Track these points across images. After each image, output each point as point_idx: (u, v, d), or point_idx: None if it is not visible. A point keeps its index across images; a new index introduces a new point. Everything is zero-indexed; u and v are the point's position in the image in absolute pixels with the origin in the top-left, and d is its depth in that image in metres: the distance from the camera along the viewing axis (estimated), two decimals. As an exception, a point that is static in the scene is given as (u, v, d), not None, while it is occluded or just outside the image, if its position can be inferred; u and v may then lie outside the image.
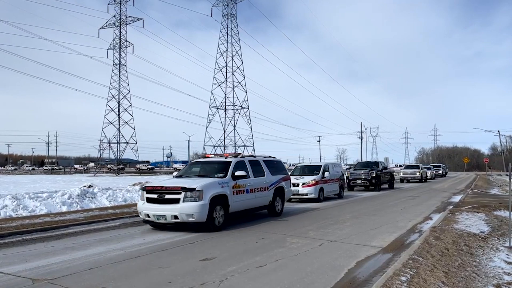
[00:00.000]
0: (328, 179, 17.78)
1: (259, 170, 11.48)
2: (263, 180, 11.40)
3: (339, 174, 19.38)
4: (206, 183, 9.17)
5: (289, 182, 13.19)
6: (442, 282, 4.92)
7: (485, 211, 12.32)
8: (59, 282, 5.19)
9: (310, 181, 16.63)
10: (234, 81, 59.34)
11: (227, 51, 59.58)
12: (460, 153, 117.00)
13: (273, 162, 12.72)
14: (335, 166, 19.60)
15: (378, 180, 23.92)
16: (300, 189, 16.45)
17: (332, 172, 18.31)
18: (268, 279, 5.33)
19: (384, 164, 26.95)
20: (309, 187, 16.50)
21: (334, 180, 18.59)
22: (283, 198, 12.47)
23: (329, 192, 18.01)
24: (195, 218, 8.69)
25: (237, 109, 59.59)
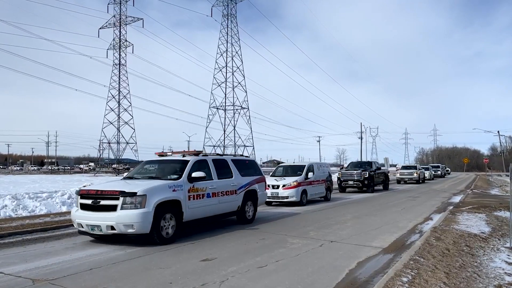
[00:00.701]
0: (312, 181, 16.28)
1: (226, 171, 10.00)
2: (230, 182, 9.89)
3: (325, 175, 17.88)
4: (151, 187, 7.68)
5: (264, 185, 11.70)
6: (443, 282, 4.91)
7: (485, 212, 12.32)
8: (60, 283, 5.18)
9: (291, 183, 15.06)
10: (234, 81, 59.35)
11: (227, 51, 59.60)
12: (460, 153, 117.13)
13: (244, 161, 11.29)
14: (321, 166, 18.09)
15: (371, 181, 22.63)
16: (280, 192, 14.98)
17: (317, 173, 16.87)
18: (269, 279, 5.32)
19: (378, 164, 25.86)
20: (290, 190, 14.94)
21: (320, 181, 17.10)
22: (256, 203, 11.00)
23: (314, 195, 16.50)
24: (135, 229, 7.19)
25: (237, 109, 59.60)
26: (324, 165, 18.67)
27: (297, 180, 15.24)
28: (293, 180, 15.20)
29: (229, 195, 9.80)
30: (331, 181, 18.36)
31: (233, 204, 9.99)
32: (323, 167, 18.27)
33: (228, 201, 9.72)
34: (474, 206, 14.16)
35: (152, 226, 7.38)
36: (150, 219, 7.33)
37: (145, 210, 7.28)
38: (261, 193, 11.36)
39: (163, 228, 7.67)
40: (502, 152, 68.75)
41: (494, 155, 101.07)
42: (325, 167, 18.56)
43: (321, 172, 17.44)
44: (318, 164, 17.73)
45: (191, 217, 8.41)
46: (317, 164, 17.64)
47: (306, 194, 15.65)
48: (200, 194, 8.69)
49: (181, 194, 8.14)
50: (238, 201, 10.16)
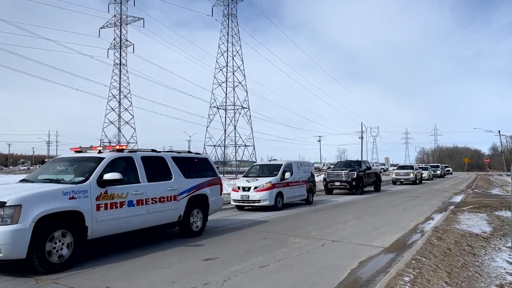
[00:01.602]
0: (290, 182, 14.51)
1: (162, 171, 7.99)
2: (167, 186, 7.86)
3: (307, 176, 16.03)
4: (31, 194, 5.64)
5: (219, 188, 9.64)
6: (445, 282, 4.93)
7: (486, 211, 12.33)
8: (63, 282, 5.20)
9: (264, 185, 13.34)
10: (234, 81, 59.34)
11: (227, 51, 59.59)
12: (460, 153, 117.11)
13: (191, 160, 9.16)
14: (302, 165, 16.18)
15: (359, 182, 20.93)
16: (251, 195, 13.25)
17: (297, 173, 15.15)
18: (271, 279, 5.34)
19: (368, 164, 24.21)
20: (262, 192, 13.18)
21: (300, 182, 15.28)
22: (206, 211, 9.04)
23: (292, 198, 14.73)
24: (2, 253, 5.22)
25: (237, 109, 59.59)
26: (305, 164, 16.71)
27: (271, 181, 13.47)
28: (267, 181, 13.47)
29: (165, 203, 7.72)
30: (313, 182, 16.64)
31: (171, 214, 7.95)
32: (305, 166, 16.38)
33: (164, 210, 7.69)
34: (475, 205, 14.17)
35: (31, 249, 5.38)
36: (27, 239, 5.32)
37: (18, 227, 5.28)
38: (214, 199, 9.27)
39: (52, 251, 5.66)
40: (503, 152, 68.70)
41: (495, 155, 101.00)
42: (307, 167, 16.67)
43: (301, 172, 15.66)
44: (298, 163, 15.96)
45: (102, 232, 6.48)
46: (297, 163, 15.86)
47: (282, 197, 13.91)
48: (116, 202, 6.72)
49: (84, 202, 6.17)
50: (179, 210, 8.12)
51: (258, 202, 13.24)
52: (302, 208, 14.49)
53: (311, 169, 17.11)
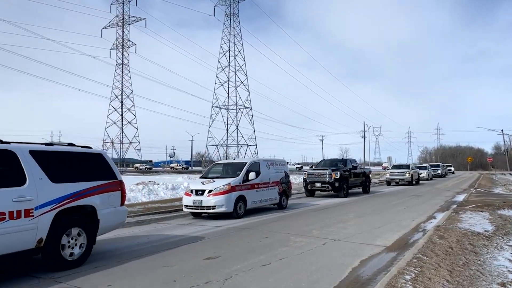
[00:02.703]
0: (257, 183, 12.45)
1: (7, 173, 5.35)
2: (10, 195, 5.14)
3: (280, 176, 13.98)
4: None
5: (118, 196, 6.95)
6: (446, 280, 4.92)
7: (489, 210, 12.30)
8: (65, 281, 5.23)
9: (221, 187, 11.13)
10: (236, 80, 59.37)
11: (229, 50, 59.62)
12: (463, 152, 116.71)
13: (69, 156, 6.41)
14: (274, 164, 14.00)
15: (343, 183, 18.76)
16: (205, 200, 11.05)
17: (266, 172, 13.12)
18: (273, 277, 5.35)
19: (355, 163, 21.86)
20: (217, 196, 11.00)
21: (270, 184, 13.20)
22: (94, 230, 6.42)
23: (259, 202, 12.64)
24: None
25: (239, 109, 59.61)
26: (278, 163, 14.46)
27: (230, 183, 11.32)
28: (225, 183, 11.32)
29: (6, 221, 5.04)
30: (288, 183, 14.49)
31: (21, 237, 5.24)
32: (277, 165, 14.20)
33: (9, 232, 5.06)
34: (478, 204, 14.13)
35: None
36: None
37: None
38: (108, 212, 6.65)
39: None
40: (506, 151, 68.47)
41: (498, 154, 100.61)
42: (280, 166, 14.46)
43: (272, 172, 13.60)
44: (268, 161, 13.83)
45: None
46: (267, 161, 13.74)
47: (245, 202, 11.78)
48: None
49: None
50: (36, 230, 5.41)
51: (213, 208, 11.00)
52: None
53: (285, 169, 14.85)
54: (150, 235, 8.73)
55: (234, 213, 11.31)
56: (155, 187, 19.17)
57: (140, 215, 12.06)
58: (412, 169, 30.00)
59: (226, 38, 60.00)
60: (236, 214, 11.35)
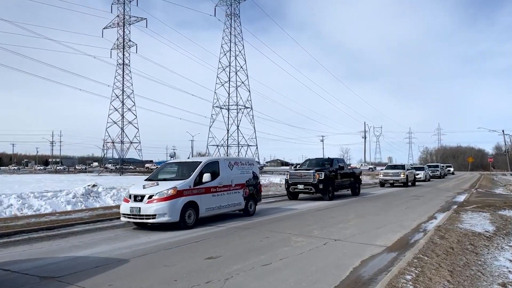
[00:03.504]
0: (214, 187, 10.45)
1: None
2: None
3: (246, 177, 12.06)
4: None
5: None
6: (447, 280, 4.93)
7: (489, 211, 12.30)
8: (66, 280, 5.24)
9: (165, 192, 9.24)
10: (237, 80, 59.38)
11: (230, 50, 59.64)
12: (464, 152, 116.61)
13: None
14: (239, 164, 12.04)
15: (329, 185, 17.15)
16: (144, 207, 9.16)
17: (228, 174, 11.21)
18: (274, 277, 5.35)
19: (343, 163, 20.12)
20: (159, 203, 9.09)
21: (233, 187, 11.29)
22: None
23: (217, 209, 10.59)
24: None
25: (240, 109, 59.62)
26: (244, 162, 12.44)
27: (177, 187, 9.39)
28: (169, 186, 9.41)
29: None
30: (256, 186, 12.53)
31: None
32: (243, 165, 12.25)
33: None
34: (479, 205, 14.13)
35: None
36: None
37: None
38: None
39: None
40: (507, 151, 68.43)
41: (498, 154, 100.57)
42: (248, 166, 12.43)
43: (237, 172, 11.69)
44: (232, 160, 11.86)
45: None
46: (230, 160, 11.76)
47: (196, 210, 9.78)
48: None
49: None
50: None
51: (153, 217, 9.11)
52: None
53: (254, 169, 12.74)
54: (151, 235, 8.73)
55: (181, 223, 9.34)
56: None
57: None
58: (407, 169, 28.50)
59: (227, 38, 60.05)
60: (184, 224, 9.38)
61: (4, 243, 7.88)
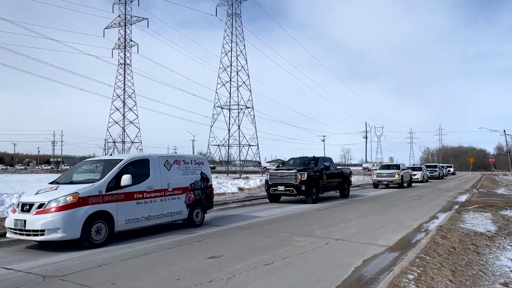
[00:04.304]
0: (141, 191, 8.33)
1: None
2: None
3: (192, 180, 9.80)
4: None
5: None
6: (449, 280, 4.94)
7: (491, 211, 12.30)
8: (70, 279, 5.26)
9: (61, 199, 7.17)
10: (238, 80, 59.38)
11: (231, 50, 59.62)
12: (465, 152, 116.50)
13: None
14: (181, 162, 9.70)
15: (312, 186, 15.61)
16: (30, 219, 7.09)
17: (163, 175, 8.97)
18: (275, 277, 5.37)
19: (329, 162, 18.30)
20: (51, 215, 7.03)
21: (170, 192, 9.05)
22: None
23: (146, 220, 8.42)
24: None
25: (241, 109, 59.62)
26: (189, 161, 10.00)
27: (79, 192, 7.30)
28: (68, 192, 7.31)
29: None
30: (206, 190, 10.28)
31: None
32: (187, 164, 9.88)
33: None
34: (480, 205, 14.12)
35: None
36: None
37: None
38: None
39: None
40: (508, 152, 68.30)
41: (500, 154, 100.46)
42: (194, 165, 10.10)
43: (177, 174, 9.44)
44: (170, 158, 9.51)
45: None
46: (167, 158, 9.40)
47: (110, 222, 7.64)
48: None
49: None
50: None
51: (41, 233, 6.96)
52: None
53: (204, 169, 10.40)
54: (152, 234, 8.75)
55: (85, 241, 7.20)
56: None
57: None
58: (402, 169, 26.87)
59: (228, 38, 60.04)
60: (88, 242, 7.22)
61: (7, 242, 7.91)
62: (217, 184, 21.87)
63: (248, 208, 14.12)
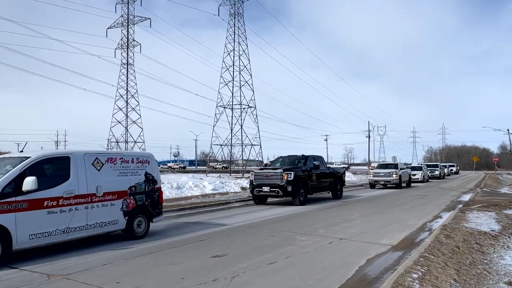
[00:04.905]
0: (53, 198, 6.66)
1: None
2: None
3: (131, 182, 8.14)
4: None
5: None
6: (453, 279, 4.93)
7: (495, 210, 12.27)
8: (75, 278, 5.29)
9: None
10: (241, 80, 59.40)
11: (234, 50, 59.64)
12: (469, 152, 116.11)
13: None
14: (117, 160, 8.04)
15: (299, 187, 14.49)
16: None
17: (92, 176, 7.38)
18: (279, 276, 5.38)
19: (320, 161, 16.96)
20: None
21: (99, 198, 7.41)
22: None
23: (65, 233, 6.80)
24: None
25: (244, 108, 59.66)
26: (130, 159, 8.36)
27: None
28: None
29: None
30: (151, 193, 8.59)
31: None
32: (126, 162, 8.22)
33: None
34: (484, 204, 14.08)
35: None
36: None
37: None
38: None
39: None
40: (512, 151, 67.98)
41: (503, 153, 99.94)
42: (135, 163, 8.42)
43: (111, 174, 7.77)
44: (101, 155, 7.78)
45: None
46: (97, 156, 7.68)
47: (6, 239, 6.04)
48: None
49: None
50: None
51: None
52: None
53: (149, 169, 8.71)
54: (156, 233, 8.78)
55: None
56: (161, 186, 19.24)
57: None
58: (400, 168, 25.60)
59: (231, 38, 60.05)
60: None
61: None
62: (220, 183, 21.93)
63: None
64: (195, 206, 14.04)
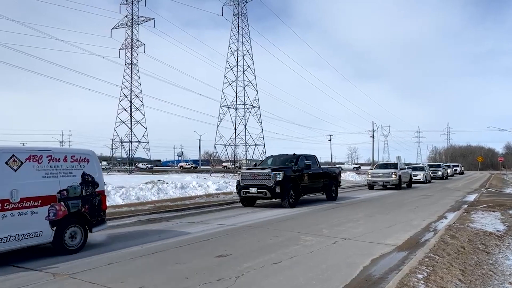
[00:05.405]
0: None
1: None
2: None
3: (64, 184, 6.80)
4: None
5: None
6: (459, 279, 4.92)
7: (500, 210, 12.21)
8: (80, 277, 5.32)
9: None
10: (245, 80, 59.45)
11: (237, 50, 59.70)
12: (474, 152, 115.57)
13: None
14: (41, 159, 6.59)
15: (289, 189, 13.64)
16: None
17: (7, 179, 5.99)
18: (284, 275, 5.38)
19: (312, 161, 15.92)
20: None
21: (16, 205, 5.99)
22: None
23: None
24: None
25: (247, 108, 59.71)
26: (60, 157, 6.95)
27: None
28: None
29: None
30: (89, 198, 7.27)
31: None
32: (55, 161, 6.84)
33: None
34: (489, 204, 14.01)
35: None
36: None
37: None
38: None
39: None
40: (517, 151, 67.50)
41: (509, 153, 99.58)
42: (69, 163, 7.08)
43: (33, 176, 6.41)
44: (20, 153, 6.37)
45: None
46: (14, 153, 6.24)
47: None
48: None
49: None
50: None
51: None
52: None
53: (88, 169, 7.41)
54: (161, 233, 8.81)
55: None
56: (164, 186, 19.30)
57: (150, 213, 12.17)
58: (400, 169, 24.60)
59: (234, 38, 60.13)
60: None
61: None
62: (224, 183, 21.95)
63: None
64: (199, 206, 14.09)
